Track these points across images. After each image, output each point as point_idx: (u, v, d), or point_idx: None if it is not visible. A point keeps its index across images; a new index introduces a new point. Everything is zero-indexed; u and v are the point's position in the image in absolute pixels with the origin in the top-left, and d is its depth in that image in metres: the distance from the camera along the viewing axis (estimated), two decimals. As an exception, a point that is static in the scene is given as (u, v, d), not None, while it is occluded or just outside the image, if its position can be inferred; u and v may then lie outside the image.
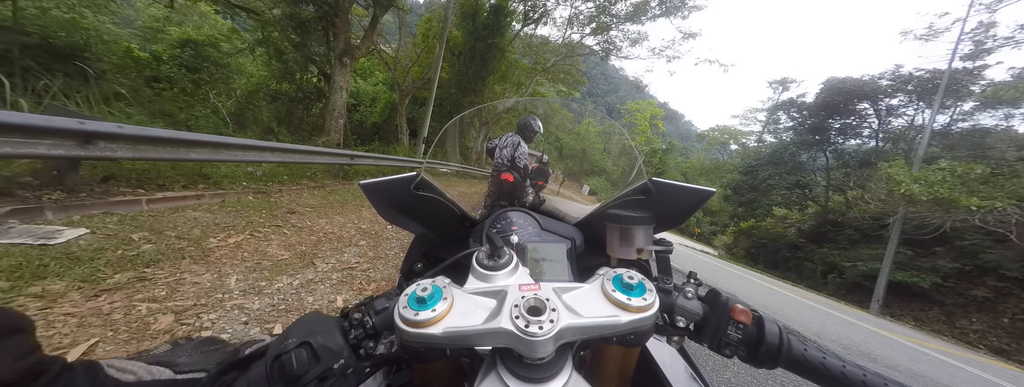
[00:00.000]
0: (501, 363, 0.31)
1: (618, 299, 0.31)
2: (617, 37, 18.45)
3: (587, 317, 0.30)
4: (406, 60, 14.97)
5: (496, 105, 8.04)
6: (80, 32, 8.17)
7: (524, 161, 2.09)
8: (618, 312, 0.30)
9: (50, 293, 1.38)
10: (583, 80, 22.16)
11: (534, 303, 0.30)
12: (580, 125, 44.65)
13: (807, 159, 22.95)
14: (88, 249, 1.78)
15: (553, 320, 0.28)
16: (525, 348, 0.28)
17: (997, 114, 16.85)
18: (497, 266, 0.38)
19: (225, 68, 11.16)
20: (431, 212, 0.67)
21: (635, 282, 0.32)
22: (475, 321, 0.30)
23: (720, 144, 44.76)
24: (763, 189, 23.93)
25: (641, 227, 0.52)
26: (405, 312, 0.29)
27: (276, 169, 5.49)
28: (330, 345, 0.31)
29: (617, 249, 0.54)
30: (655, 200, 0.53)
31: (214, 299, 1.70)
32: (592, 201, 6.66)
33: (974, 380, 4.25)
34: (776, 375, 2.53)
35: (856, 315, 8.75)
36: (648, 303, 0.31)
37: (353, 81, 22.50)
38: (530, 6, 16.83)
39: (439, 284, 0.32)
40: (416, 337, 0.29)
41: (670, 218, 0.55)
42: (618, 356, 0.41)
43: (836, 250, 16.48)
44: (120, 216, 2.31)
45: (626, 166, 33.89)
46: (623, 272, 0.33)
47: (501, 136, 2.20)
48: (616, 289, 0.32)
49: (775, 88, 33.15)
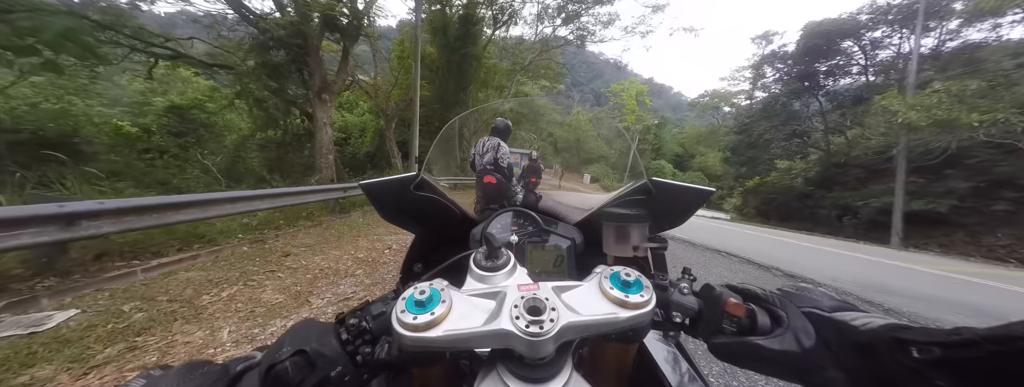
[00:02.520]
0: (501, 364, 0.31)
1: (616, 296, 0.31)
2: (589, 22, 18.60)
3: (586, 315, 0.30)
4: (386, 85, 15.19)
5: (482, 111, 8.05)
6: (71, 118, 8.51)
7: (507, 160, 2.09)
8: (616, 309, 0.31)
9: (38, 380, 1.43)
10: (564, 71, 22.25)
11: (533, 303, 0.30)
12: (570, 116, 44.65)
13: (800, 107, 22.68)
14: (77, 329, 1.85)
15: (553, 319, 0.28)
16: (526, 348, 0.28)
17: (984, 27, 16.45)
18: (495, 267, 0.38)
19: (212, 127, 11.48)
20: (431, 212, 0.67)
21: (632, 279, 0.33)
22: (475, 323, 0.29)
23: (713, 109, 44.32)
24: (761, 145, 23.66)
25: (637, 225, 0.53)
26: (403, 316, 0.29)
27: (271, 215, 5.61)
28: (326, 352, 0.30)
29: (614, 247, 0.54)
30: (655, 200, 0.54)
31: (206, 355, 1.76)
32: (595, 189, 6.64)
33: (1000, 293, 4.16)
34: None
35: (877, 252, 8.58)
36: (645, 299, 0.31)
37: (339, 116, 22.86)
38: (497, 9, 17.01)
39: (437, 286, 0.32)
40: (415, 341, 0.28)
41: (670, 218, 0.56)
42: (616, 353, 0.42)
43: (846, 192, 16.20)
44: (112, 290, 2.40)
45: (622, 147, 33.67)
46: (620, 270, 0.34)
47: (478, 142, 2.18)
48: (614, 287, 0.32)
49: (759, 43, 32.72)
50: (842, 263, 5.85)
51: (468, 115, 5.20)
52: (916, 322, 0.29)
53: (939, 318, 3.12)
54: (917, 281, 4.80)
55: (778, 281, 4.10)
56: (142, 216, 2.86)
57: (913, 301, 3.62)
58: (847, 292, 3.79)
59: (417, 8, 10.97)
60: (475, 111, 8.67)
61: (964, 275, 5.76)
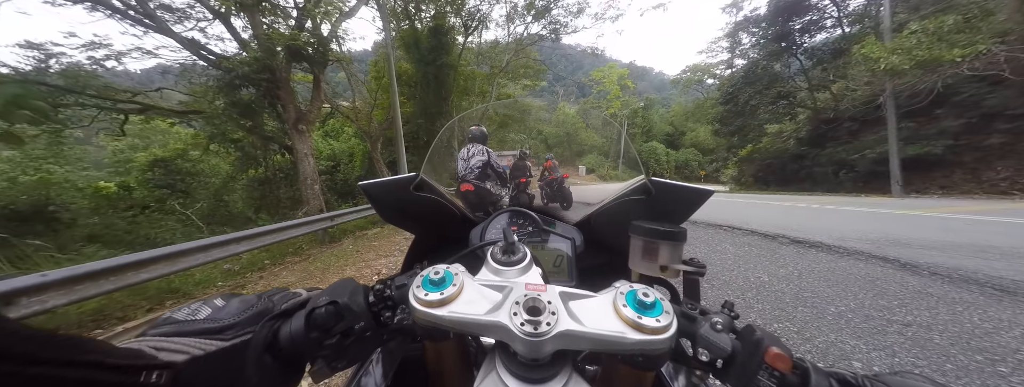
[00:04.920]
0: (500, 358, 0.32)
1: (628, 316, 0.30)
2: (560, 15, 18.60)
3: (589, 328, 0.29)
4: (366, 107, 15.10)
5: (468, 117, 7.88)
6: (53, 187, 8.38)
7: (487, 160, 2.06)
8: (625, 329, 0.29)
9: None
10: (542, 68, 22.24)
11: (534, 303, 0.31)
12: (555, 111, 44.69)
13: (781, 68, 22.58)
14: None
15: (550, 323, 0.28)
16: (520, 346, 0.29)
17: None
18: (509, 262, 0.40)
19: (199, 175, 11.33)
20: (430, 213, 0.68)
21: (651, 301, 0.31)
22: (478, 311, 0.31)
23: (696, 83, 44.26)
24: (748, 112, 23.51)
25: (667, 243, 0.47)
26: (417, 291, 0.32)
27: (257, 256, 5.44)
28: (353, 307, 0.35)
29: (639, 263, 0.50)
30: (654, 200, 0.53)
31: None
32: (591, 179, 6.67)
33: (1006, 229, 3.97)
34: None
35: (882, 203, 8.41)
36: (661, 326, 0.29)
37: (326, 143, 22.78)
38: (466, 16, 17.03)
39: (452, 270, 0.34)
40: (423, 315, 0.31)
41: (670, 217, 0.54)
42: (627, 379, 0.38)
43: (839, 147, 16.05)
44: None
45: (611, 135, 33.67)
46: (640, 288, 0.32)
47: (461, 151, 2.15)
48: (627, 305, 0.30)
49: (729, 12, 32.89)
50: (847, 220, 5.66)
51: (455, 122, 5.37)
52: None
53: (959, 265, 2.94)
54: (928, 228, 4.61)
55: (786, 249, 3.91)
56: (98, 281, 2.69)
57: (929, 251, 3.44)
58: (859, 251, 3.61)
59: (385, 25, 10.82)
60: (461, 118, 8.57)
61: (970, 214, 5.60)
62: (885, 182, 12.52)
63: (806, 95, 20.77)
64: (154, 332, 0.28)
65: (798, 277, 2.96)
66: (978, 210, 6.26)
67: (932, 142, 12.14)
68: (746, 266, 3.35)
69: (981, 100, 11.41)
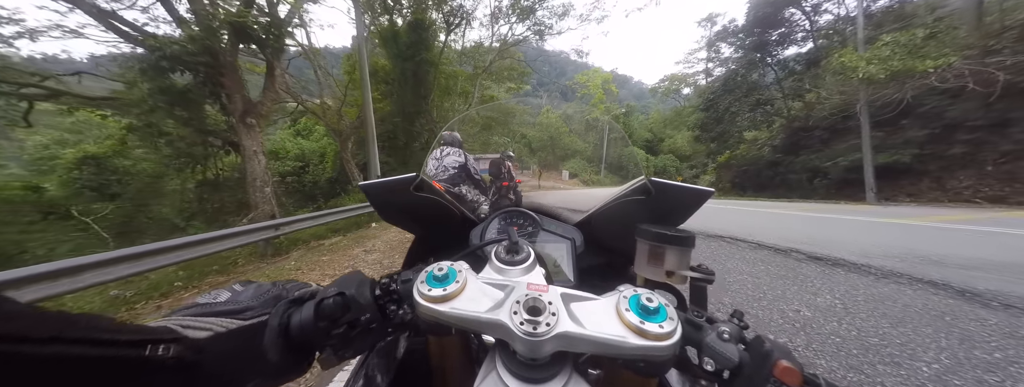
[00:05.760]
0: (500, 357, 0.32)
1: (630, 321, 0.29)
2: (544, 16, 18.13)
3: (590, 331, 0.29)
4: (335, 103, 13.83)
5: (455, 121, 7.04)
6: None
7: (465, 163, 2.07)
8: (627, 334, 0.29)
9: None
10: (527, 70, 21.72)
11: (535, 303, 0.31)
12: (540, 114, 44.45)
13: (758, 77, 23.20)
14: None
15: (549, 324, 0.29)
16: (519, 345, 0.29)
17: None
18: (513, 261, 0.40)
19: (140, 175, 9.74)
20: (431, 213, 0.70)
21: (654, 306, 0.30)
22: (479, 308, 0.31)
23: (674, 92, 45.32)
24: (728, 118, 23.98)
25: (674, 247, 0.46)
26: (421, 286, 0.33)
27: (168, 275, 4.37)
28: (360, 299, 0.35)
29: (645, 268, 0.49)
30: (655, 200, 0.53)
31: None
32: (574, 184, 6.26)
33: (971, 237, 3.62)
34: None
35: (859, 211, 8.29)
36: (664, 332, 0.29)
37: (295, 143, 21.00)
38: (448, 12, 16.17)
39: (456, 267, 0.34)
40: (425, 310, 0.32)
41: (670, 218, 0.54)
42: (632, 385, 0.38)
43: (813, 154, 16.38)
44: None
45: (595, 140, 33.54)
46: (643, 293, 0.32)
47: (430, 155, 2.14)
48: (630, 309, 0.30)
49: (704, 25, 34.06)
50: (848, 230, 5.25)
51: (455, 123, 5.45)
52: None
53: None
54: (940, 241, 4.21)
55: (807, 268, 3.35)
56: None
57: (972, 272, 2.95)
58: (893, 271, 3.08)
59: (357, 11, 9.75)
60: (459, 119, 7.78)
61: (961, 224, 5.43)
62: (857, 189, 12.73)
63: (782, 104, 21.38)
64: (181, 312, 0.31)
65: (846, 311, 2.35)
66: (964, 219, 6.11)
67: (900, 151, 12.47)
68: (772, 293, 2.73)
69: (943, 111, 11.80)
